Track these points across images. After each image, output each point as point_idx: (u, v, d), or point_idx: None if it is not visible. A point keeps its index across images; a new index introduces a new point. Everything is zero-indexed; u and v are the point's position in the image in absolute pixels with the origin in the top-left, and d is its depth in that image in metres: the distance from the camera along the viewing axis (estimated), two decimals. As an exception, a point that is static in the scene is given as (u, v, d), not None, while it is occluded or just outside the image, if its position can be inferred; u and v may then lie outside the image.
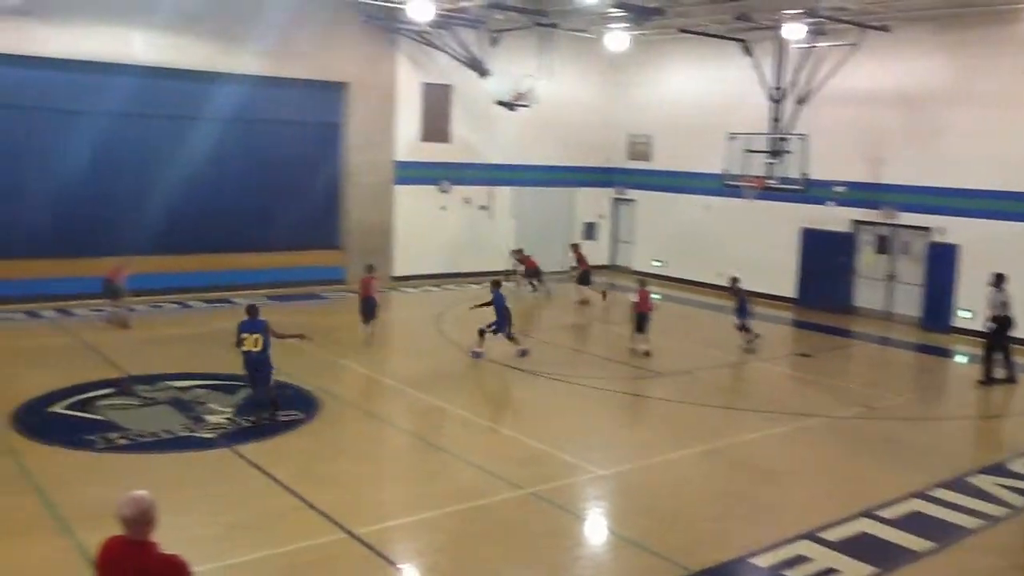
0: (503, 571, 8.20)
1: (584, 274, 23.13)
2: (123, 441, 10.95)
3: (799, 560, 8.55)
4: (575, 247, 24.40)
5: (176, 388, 13.18)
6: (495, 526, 9.08)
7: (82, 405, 12.21)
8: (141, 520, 4.54)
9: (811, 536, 9.05)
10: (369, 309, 17.19)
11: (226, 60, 21.22)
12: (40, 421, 11.56)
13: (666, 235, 26.97)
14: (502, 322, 16.07)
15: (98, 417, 11.80)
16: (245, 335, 11.74)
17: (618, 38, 23.89)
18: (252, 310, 12.04)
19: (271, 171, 23.06)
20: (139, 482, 9.59)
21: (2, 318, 18.01)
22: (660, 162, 27.25)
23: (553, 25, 23.52)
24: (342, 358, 15.84)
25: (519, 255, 24.31)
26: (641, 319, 17.00)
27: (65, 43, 19.27)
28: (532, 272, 23.92)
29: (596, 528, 9.49)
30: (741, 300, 17.99)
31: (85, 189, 20.41)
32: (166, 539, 8.31)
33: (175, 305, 20.24)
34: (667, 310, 23.03)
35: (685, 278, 26.00)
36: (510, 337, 16.15)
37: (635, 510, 9.80)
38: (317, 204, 23.82)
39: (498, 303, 16.21)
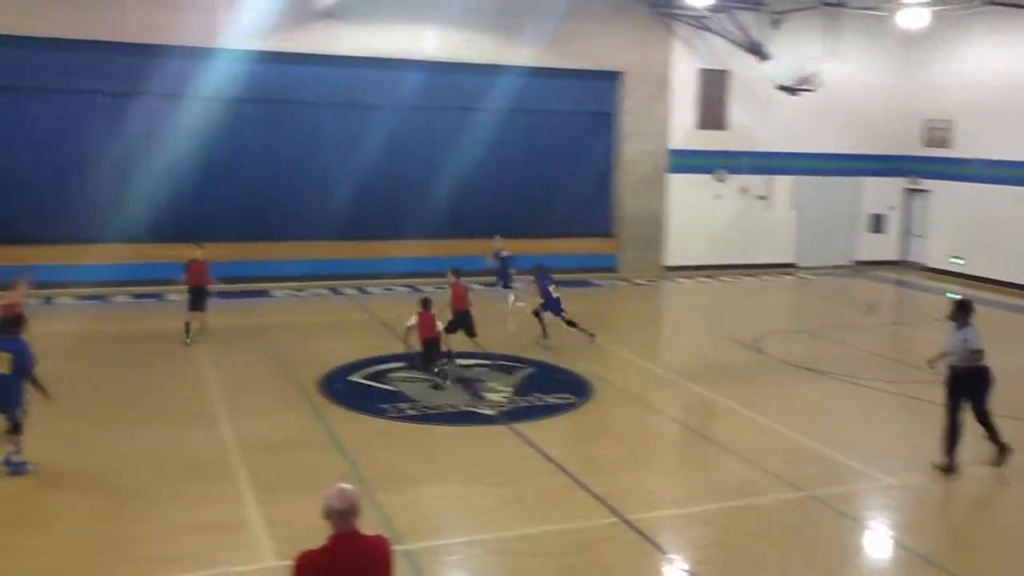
0: (778, 573, 7.88)
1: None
2: (412, 412, 11.75)
3: None
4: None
5: (460, 366, 13.93)
6: (771, 526, 8.75)
7: (378, 376, 13.25)
8: (352, 511, 4.64)
9: None
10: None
11: (505, 53, 22.04)
12: (343, 388, 12.69)
13: (967, 229, 24.60)
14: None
15: (391, 388, 12.76)
16: None
17: (915, 14, 22.02)
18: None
19: (547, 160, 23.74)
20: (426, 450, 10.39)
21: (310, 295, 19.99)
22: (962, 149, 24.90)
23: (840, 4, 22.20)
24: (611, 344, 15.97)
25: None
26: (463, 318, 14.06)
27: (365, 43, 20.95)
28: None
29: (881, 538, 8.88)
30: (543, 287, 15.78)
31: (378, 178, 22.12)
32: (451, 507, 8.90)
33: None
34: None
35: (990, 277, 23.58)
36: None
37: (926, 524, 9.05)
38: (591, 192, 24.18)
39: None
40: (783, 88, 22.93)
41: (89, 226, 19.32)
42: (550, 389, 12.88)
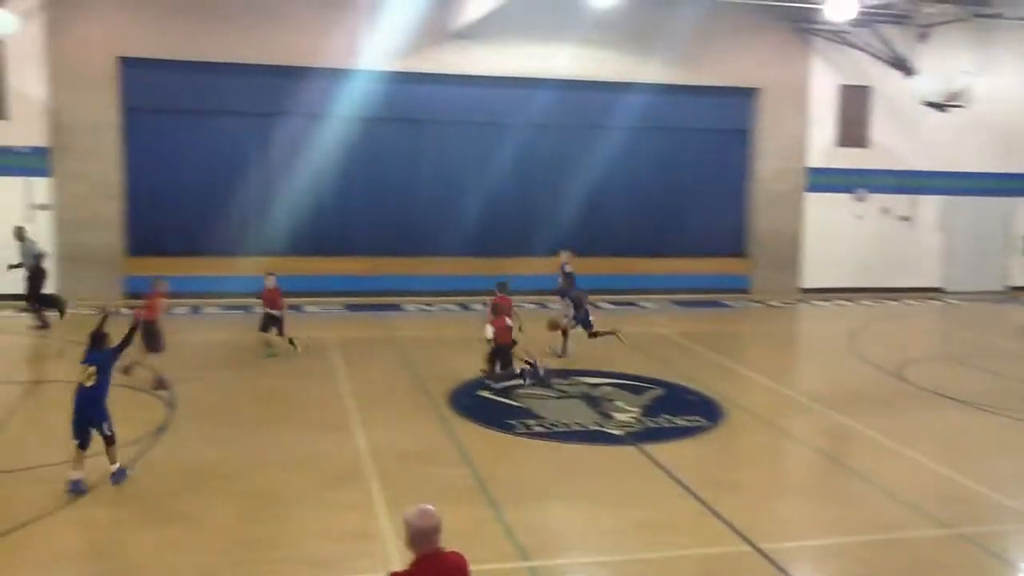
0: (926, 614, 7.46)
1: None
2: (539, 428, 11.77)
3: None
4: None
5: (587, 384, 13.88)
6: (914, 564, 8.28)
7: (505, 392, 13.34)
8: (436, 530, 4.78)
9: None
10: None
11: (637, 70, 21.93)
12: (471, 403, 12.83)
13: None
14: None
15: (518, 404, 12.81)
16: None
17: (1079, 24, 20.68)
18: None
19: (678, 178, 23.47)
20: (553, 468, 10.36)
21: (440, 310, 20.36)
22: None
23: (996, 16, 21.08)
24: (743, 367, 15.57)
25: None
26: None
27: (497, 62, 21.29)
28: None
29: (1041, 584, 8.29)
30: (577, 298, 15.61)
31: (510, 195, 22.37)
32: (578, 526, 8.83)
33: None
34: None
35: None
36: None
37: (1093, 571, 8.38)
38: (723, 211, 23.75)
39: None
40: (931, 104, 21.92)
41: (236, 240, 20.29)
42: (680, 411, 12.65)
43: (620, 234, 23.09)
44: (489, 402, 12.94)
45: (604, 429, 11.84)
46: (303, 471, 9.97)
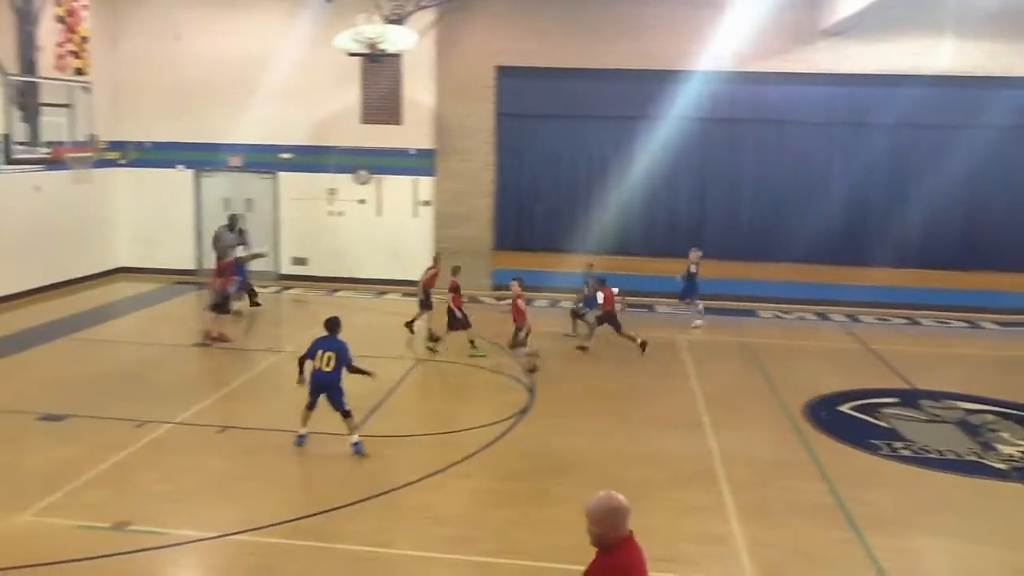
0: None
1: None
2: (906, 452, 10.89)
3: None
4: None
5: (964, 410, 12.60)
6: None
7: (868, 409, 12.51)
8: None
9: None
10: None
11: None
12: (830, 417, 12.20)
13: None
14: None
15: (883, 424, 11.95)
16: None
17: None
18: None
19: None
20: (922, 497, 9.53)
21: (795, 318, 19.55)
22: None
23: None
24: None
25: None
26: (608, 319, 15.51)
27: (871, 59, 19.98)
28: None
29: None
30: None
31: (877, 200, 20.93)
32: (953, 564, 8.06)
33: (961, 323, 19.42)
34: None
35: None
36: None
37: None
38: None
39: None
40: None
41: (591, 238, 20.92)
42: (1082, 450, 11.05)
43: (1000, 246, 20.58)
44: (851, 419, 12.22)
45: (984, 461, 10.66)
46: (655, 467, 10.10)
